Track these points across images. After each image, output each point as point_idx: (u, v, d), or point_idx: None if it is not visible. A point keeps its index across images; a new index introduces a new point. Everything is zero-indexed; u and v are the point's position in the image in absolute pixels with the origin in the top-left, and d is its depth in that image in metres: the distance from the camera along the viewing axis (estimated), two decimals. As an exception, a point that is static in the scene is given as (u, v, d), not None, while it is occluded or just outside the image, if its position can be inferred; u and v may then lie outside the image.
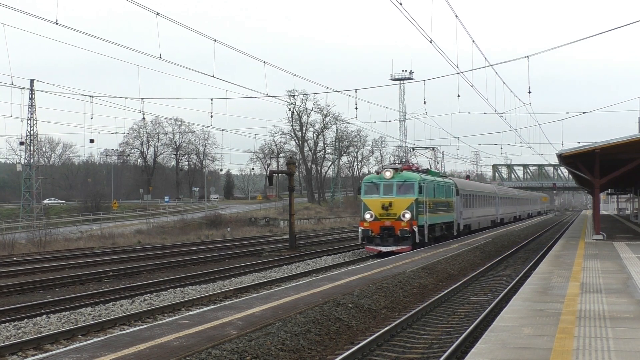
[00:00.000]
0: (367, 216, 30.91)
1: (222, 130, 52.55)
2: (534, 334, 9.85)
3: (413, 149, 49.01)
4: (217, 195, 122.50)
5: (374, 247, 30.77)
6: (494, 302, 17.12)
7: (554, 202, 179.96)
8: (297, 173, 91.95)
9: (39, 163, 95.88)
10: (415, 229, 30.53)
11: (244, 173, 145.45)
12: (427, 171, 36.65)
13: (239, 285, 21.82)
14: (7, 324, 15.35)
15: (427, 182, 32.79)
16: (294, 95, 73.87)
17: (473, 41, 26.13)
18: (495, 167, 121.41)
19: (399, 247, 30.19)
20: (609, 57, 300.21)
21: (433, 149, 46.31)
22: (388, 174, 31.28)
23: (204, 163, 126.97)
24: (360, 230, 31.38)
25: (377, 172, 32.70)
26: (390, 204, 30.62)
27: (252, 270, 26.87)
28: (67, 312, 16.95)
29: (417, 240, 30.69)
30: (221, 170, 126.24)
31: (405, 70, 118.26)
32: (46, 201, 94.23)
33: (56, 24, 16.25)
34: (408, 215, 30.37)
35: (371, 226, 30.80)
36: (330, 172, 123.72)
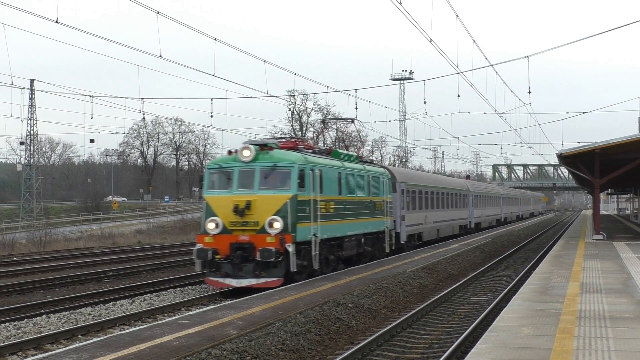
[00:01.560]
0: (210, 226, 18.54)
1: (222, 130, 52.50)
2: (534, 334, 9.85)
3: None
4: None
5: (220, 281, 18.36)
6: (494, 302, 17.12)
7: (554, 201, 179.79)
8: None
9: (39, 163, 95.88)
10: (291, 248, 18.12)
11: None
12: (331, 152, 23.62)
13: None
14: (7, 324, 15.33)
15: (321, 168, 20.22)
16: (294, 95, 73.90)
17: (473, 41, 26.12)
18: (495, 167, 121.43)
19: (262, 282, 17.98)
20: (609, 57, 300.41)
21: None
22: (247, 153, 18.85)
23: (204, 163, 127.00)
24: (195, 250, 18.65)
25: (230, 152, 19.60)
26: (248, 205, 18.27)
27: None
28: (67, 312, 16.93)
29: (294, 268, 18.26)
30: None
31: (405, 70, 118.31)
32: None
33: (56, 22, 16.26)
34: (278, 225, 18.14)
35: (216, 243, 18.34)
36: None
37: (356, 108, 32.85)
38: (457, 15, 23.56)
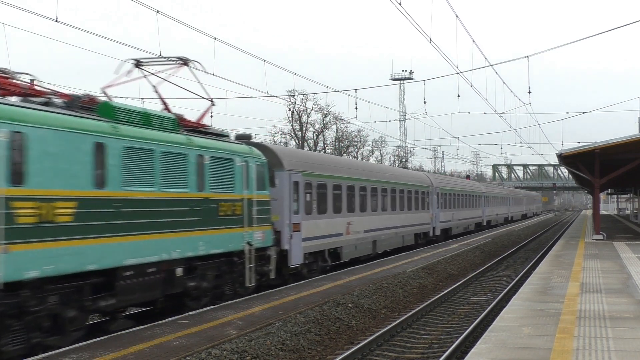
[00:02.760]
0: None
1: (222, 130, 52.50)
2: (534, 334, 9.85)
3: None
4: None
5: None
6: (494, 302, 17.12)
7: (554, 201, 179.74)
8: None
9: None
10: None
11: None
12: (92, 103, 12.61)
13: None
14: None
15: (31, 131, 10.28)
16: (293, 95, 73.97)
17: (473, 41, 26.07)
18: (495, 167, 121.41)
19: None
20: (609, 57, 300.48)
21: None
22: None
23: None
24: None
25: None
26: None
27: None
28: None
29: None
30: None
31: (405, 70, 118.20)
32: None
33: (56, 21, 16.21)
34: None
35: None
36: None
37: (356, 108, 32.74)
38: (456, 16, 23.53)
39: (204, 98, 16.90)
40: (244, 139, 18.60)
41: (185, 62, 15.80)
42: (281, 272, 18.54)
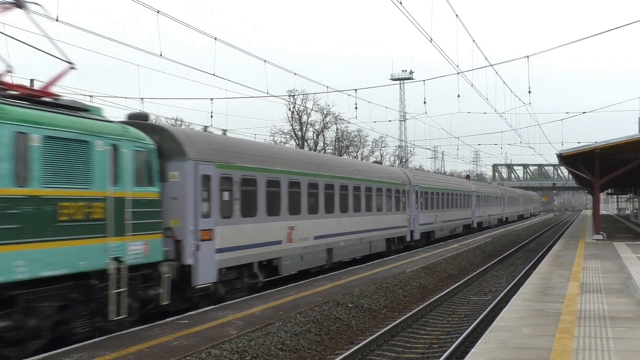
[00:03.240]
0: None
1: (222, 130, 52.47)
2: (534, 334, 9.85)
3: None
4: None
5: None
6: (494, 302, 17.13)
7: (554, 201, 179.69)
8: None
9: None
10: None
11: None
12: None
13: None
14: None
15: None
16: (294, 95, 73.96)
17: (473, 41, 26.08)
18: (495, 167, 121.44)
19: None
20: (609, 57, 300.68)
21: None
22: None
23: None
24: None
25: None
26: None
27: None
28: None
29: None
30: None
31: (405, 70, 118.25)
32: None
33: (57, 21, 16.20)
34: None
35: None
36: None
37: (356, 108, 32.75)
38: (457, 15, 23.54)
39: (54, 57, 12.50)
40: (138, 118, 14.69)
41: (17, 1, 11.68)
42: (184, 294, 14.46)
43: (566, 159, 31.84)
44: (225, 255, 15.68)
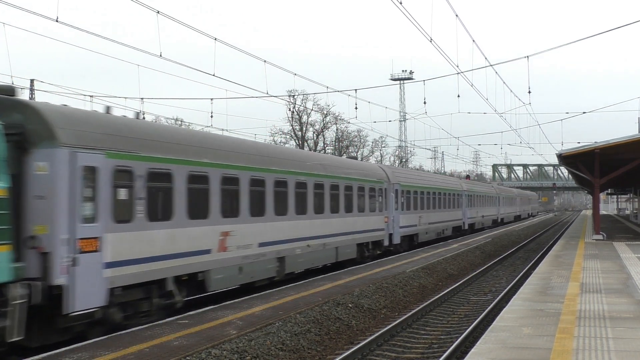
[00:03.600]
0: None
1: (222, 130, 52.44)
2: (534, 334, 9.85)
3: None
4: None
5: None
6: (494, 302, 17.13)
7: (554, 201, 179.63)
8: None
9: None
10: None
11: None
12: None
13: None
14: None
15: None
16: (294, 95, 73.96)
17: (473, 41, 26.10)
18: (495, 167, 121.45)
19: None
20: (609, 57, 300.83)
21: None
22: None
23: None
24: None
25: None
26: None
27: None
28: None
29: None
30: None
31: (405, 70, 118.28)
32: None
33: (57, 21, 16.22)
34: None
35: None
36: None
37: (356, 108, 32.80)
38: (457, 15, 23.54)
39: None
40: (2, 92, 11.56)
41: None
42: (53, 325, 11.30)
43: (566, 159, 31.84)
44: (120, 271, 12.38)
